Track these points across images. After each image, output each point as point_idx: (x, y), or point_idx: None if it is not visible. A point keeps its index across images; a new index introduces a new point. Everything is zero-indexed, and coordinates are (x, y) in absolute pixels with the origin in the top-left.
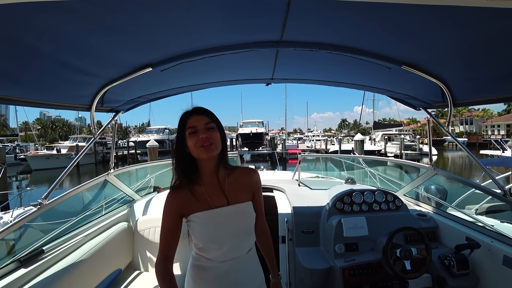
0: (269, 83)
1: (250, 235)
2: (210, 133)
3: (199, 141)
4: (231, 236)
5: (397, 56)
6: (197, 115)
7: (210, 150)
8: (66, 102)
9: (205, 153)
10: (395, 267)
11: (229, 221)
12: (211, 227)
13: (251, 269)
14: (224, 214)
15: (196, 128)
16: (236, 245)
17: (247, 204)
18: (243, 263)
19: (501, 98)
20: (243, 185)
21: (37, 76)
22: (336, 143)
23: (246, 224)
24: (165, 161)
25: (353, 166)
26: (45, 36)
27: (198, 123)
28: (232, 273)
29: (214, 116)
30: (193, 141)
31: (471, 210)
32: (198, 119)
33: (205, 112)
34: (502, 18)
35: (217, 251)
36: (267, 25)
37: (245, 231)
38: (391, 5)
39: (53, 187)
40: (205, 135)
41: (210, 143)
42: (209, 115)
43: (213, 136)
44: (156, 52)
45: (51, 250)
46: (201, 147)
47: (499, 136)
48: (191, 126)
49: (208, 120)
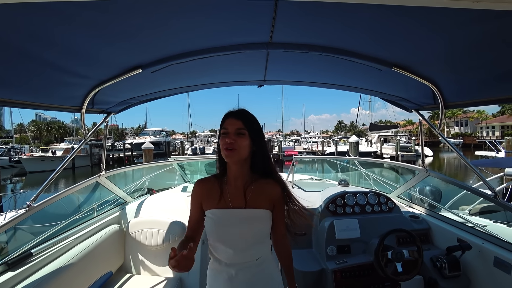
0: (261, 85)
1: (261, 243)
2: (237, 138)
3: (224, 144)
4: (240, 239)
5: (388, 58)
6: (233, 119)
7: (230, 156)
8: (56, 104)
9: (226, 157)
10: (387, 269)
11: (241, 224)
12: (223, 225)
13: (261, 278)
14: (238, 215)
15: (228, 131)
16: (244, 250)
17: (264, 211)
18: (251, 270)
19: (491, 100)
20: (265, 194)
21: (25, 77)
22: (332, 145)
23: (258, 230)
24: (158, 163)
25: (348, 168)
26: (32, 37)
27: (230, 126)
28: (239, 278)
29: (249, 122)
30: (221, 143)
31: (464, 210)
32: (232, 123)
33: (240, 117)
34: (488, 21)
35: (225, 252)
36: (256, 27)
37: (255, 237)
38: (379, 7)
39: (42, 189)
40: (230, 140)
41: (233, 148)
42: (244, 120)
43: (239, 143)
44: (145, 54)
45: (40, 253)
46: (225, 150)
47: (494, 137)
48: (225, 127)
49: (241, 126)
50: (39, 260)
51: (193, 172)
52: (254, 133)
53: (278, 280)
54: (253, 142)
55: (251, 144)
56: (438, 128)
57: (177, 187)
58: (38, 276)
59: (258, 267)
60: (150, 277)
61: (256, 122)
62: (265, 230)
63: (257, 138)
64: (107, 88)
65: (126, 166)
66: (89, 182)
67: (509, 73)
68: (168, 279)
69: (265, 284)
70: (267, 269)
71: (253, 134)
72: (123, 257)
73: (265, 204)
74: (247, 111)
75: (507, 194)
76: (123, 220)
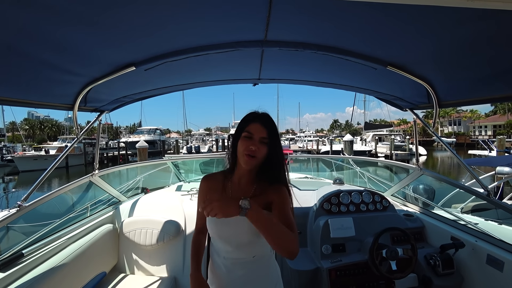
0: (256, 83)
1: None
2: (261, 146)
3: (247, 150)
4: (236, 236)
5: (383, 56)
6: (260, 125)
7: (250, 163)
8: (47, 101)
9: (245, 163)
10: (381, 268)
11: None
12: (221, 222)
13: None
14: None
15: (252, 136)
16: (240, 247)
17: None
18: (247, 266)
19: (485, 99)
20: (266, 196)
21: (15, 74)
22: (327, 144)
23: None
24: (152, 162)
25: (343, 167)
26: (22, 33)
27: (256, 133)
28: (237, 272)
29: (272, 132)
30: (243, 146)
31: (457, 208)
32: (258, 130)
33: (267, 126)
34: (482, 19)
35: (222, 247)
36: (251, 24)
37: (252, 236)
38: (374, 5)
39: (34, 189)
40: (255, 147)
41: (256, 156)
42: (270, 131)
43: (261, 151)
44: (139, 51)
45: (32, 253)
46: (246, 156)
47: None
48: (249, 131)
49: (266, 136)
50: (30, 260)
51: (187, 171)
52: (274, 143)
53: (276, 277)
54: (272, 152)
55: (270, 154)
56: (432, 127)
57: (172, 186)
58: (30, 277)
59: (254, 264)
60: (144, 277)
61: (277, 131)
62: None
63: (276, 148)
64: (100, 85)
65: (120, 165)
66: (82, 181)
67: (502, 72)
68: (162, 279)
69: (262, 280)
70: (264, 266)
71: (274, 144)
72: (117, 257)
73: (264, 206)
74: (271, 117)
75: (498, 193)
76: (116, 219)
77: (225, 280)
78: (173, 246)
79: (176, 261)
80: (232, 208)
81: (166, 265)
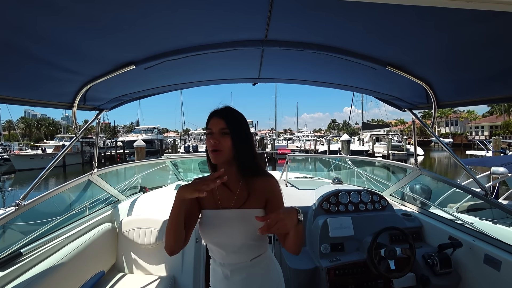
0: (256, 83)
1: (255, 243)
2: (221, 139)
3: (210, 145)
4: (230, 240)
5: (382, 57)
6: (216, 118)
7: (216, 157)
8: (46, 100)
9: (212, 158)
10: (380, 267)
11: (232, 224)
12: (213, 226)
13: (257, 278)
14: (228, 216)
15: (212, 131)
16: (235, 251)
17: (254, 211)
18: (245, 271)
19: (483, 100)
20: (257, 192)
21: (14, 72)
22: (325, 143)
23: (249, 230)
24: (151, 161)
25: (340, 166)
26: (20, 31)
27: (214, 127)
28: (235, 277)
29: (232, 121)
30: (207, 143)
31: (452, 208)
32: (216, 123)
33: (223, 116)
34: (482, 21)
35: (218, 252)
36: (251, 24)
37: (247, 237)
38: (375, 6)
39: (32, 187)
40: (214, 141)
41: (219, 149)
42: (227, 120)
43: (223, 143)
44: (139, 50)
45: (30, 252)
46: (211, 152)
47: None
48: (209, 128)
49: (224, 126)
50: (29, 259)
51: (186, 170)
52: (237, 131)
53: (278, 278)
54: (237, 141)
55: (236, 143)
56: (431, 127)
57: (170, 185)
58: (28, 276)
59: (253, 268)
60: (143, 276)
61: (240, 120)
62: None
63: (240, 136)
64: (99, 84)
65: (118, 164)
66: (81, 180)
67: (501, 73)
68: (161, 278)
69: (263, 283)
70: (264, 268)
71: (237, 132)
72: (115, 256)
73: (255, 203)
74: (232, 108)
75: (494, 192)
76: (115, 218)
77: (225, 286)
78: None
79: (175, 260)
80: (295, 220)
81: (165, 264)
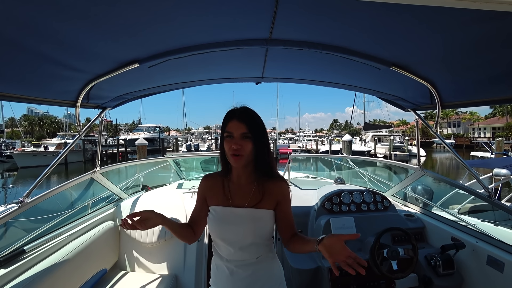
0: (259, 82)
1: (261, 242)
2: (243, 143)
3: (230, 150)
4: (239, 237)
5: (387, 57)
6: (237, 121)
7: (238, 162)
8: (50, 98)
9: (233, 162)
10: (382, 267)
11: (241, 223)
12: (223, 223)
13: (261, 275)
14: (239, 214)
15: (233, 135)
16: (243, 248)
17: (265, 212)
18: (251, 268)
19: (488, 101)
20: (268, 194)
21: (18, 70)
22: (326, 143)
23: (258, 230)
24: (153, 159)
25: (342, 166)
26: (26, 29)
27: (235, 130)
28: (240, 274)
29: (253, 124)
30: (227, 146)
31: (454, 210)
32: (236, 126)
33: (245, 120)
34: (487, 22)
35: (225, 249)
36: (256, 23)
37: (255, 237)
38: (380, 5)
39: (35, 185)
40: (237, 146)
41: (240, 154)
42: (249, 124)
43: (245, 148)
44: (143, 48)
45: (33, 250)
46: (231, 156)
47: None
48: (229, 131)
49: (246, 131)
50: (32, 257)
51: (188, 169)
52: (258, 136)
53: (280, 277)
54: (258, 146)
55: (257, 147)
56: (434, 128)
57: (173, 184)
58: (31, 273)
59: (258, 265)
60: (145, 274)
61: (259, 122)
62: (266, 230)
63: (262, 141)
64: (103, 82)
65: (121, 162)
66: (84, 178)
67: (505, 74)
68: (163, 276)
69: (266, 281)
70: (268, 267)
71: (258, 137)
72: (117, 254)
73: (267, 204)
74: (251, 110)
75: (497, 194)
76: (117, 216)
77: (228, 282)
78: (174, 243)
79: (177, 258)
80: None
81: (166, 262)
